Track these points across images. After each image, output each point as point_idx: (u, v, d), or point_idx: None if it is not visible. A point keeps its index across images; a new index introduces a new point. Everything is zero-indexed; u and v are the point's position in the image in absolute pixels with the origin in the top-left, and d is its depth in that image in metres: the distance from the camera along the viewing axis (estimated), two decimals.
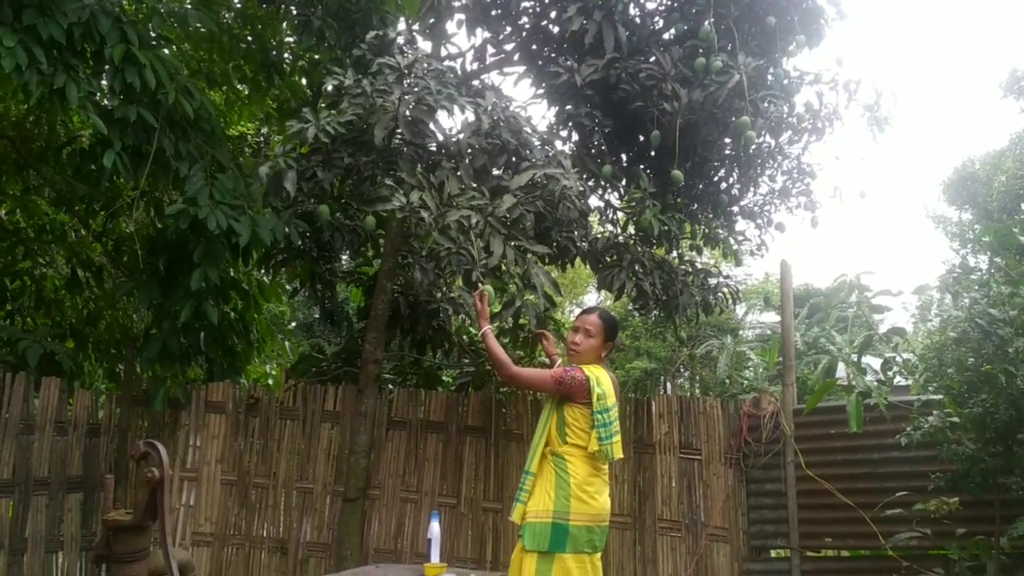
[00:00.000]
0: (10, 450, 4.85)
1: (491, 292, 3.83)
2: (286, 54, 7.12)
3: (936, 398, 4.34)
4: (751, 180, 5.94)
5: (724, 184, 6.00)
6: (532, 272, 4.67)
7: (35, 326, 6.56)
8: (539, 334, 4.17)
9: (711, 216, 6.02)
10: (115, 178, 5.28)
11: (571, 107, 5.40)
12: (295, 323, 12.65)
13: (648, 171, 5.51)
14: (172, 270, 5.44)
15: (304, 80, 7.06)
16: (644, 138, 5.40)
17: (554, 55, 5.62)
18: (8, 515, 4.82)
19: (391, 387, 6.14)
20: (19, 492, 4.87)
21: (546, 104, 5.65)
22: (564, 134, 5.70)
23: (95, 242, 6.92)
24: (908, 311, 11.65)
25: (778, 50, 5.42)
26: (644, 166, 5.66)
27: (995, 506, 4.11)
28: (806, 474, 5.02)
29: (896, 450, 4.55)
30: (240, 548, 5.59)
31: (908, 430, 4.23)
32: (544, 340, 4.11)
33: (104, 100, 5.45)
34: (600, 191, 6.01)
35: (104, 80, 5.00)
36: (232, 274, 6.03)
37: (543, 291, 4.67)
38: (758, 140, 5.39)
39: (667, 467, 5.43)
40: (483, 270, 4.38)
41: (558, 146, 5.45)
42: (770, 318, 13.94)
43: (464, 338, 6.71)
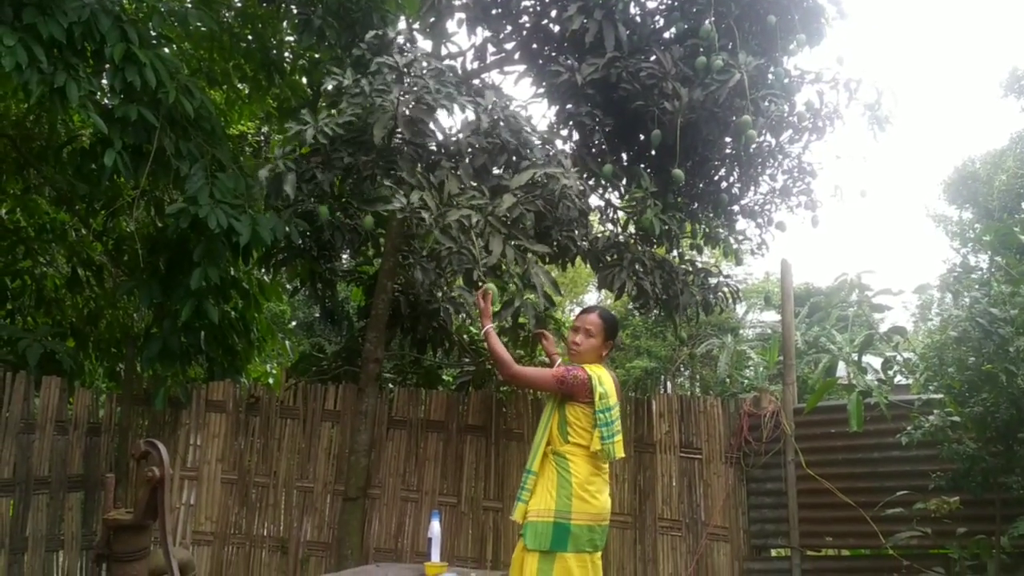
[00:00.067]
0: (10, 449, 4.85)
1: (494, 290, 3.83)
2: (286, 53, 7.11)
3: (937, 397, 4.34)
4: (752, 179, 5.94)
5: (725, 183, 5.99)
6: (532, 271, 4.66)
7: (35, 325, 6.55)
8: (539, 334, 4.16)
9: (711, 215, 6.02)
10: (115, 177, 5.28)
11: (572, 106, 5.40)
12: (295, 322, 12.66)
13: (649, 170, 5.50)
14: (172, 269, 5.45)
15: (304, 79, 7.06)
16: (645, 137, 5.40)
17: (555, 54, 5.62)
18: (9, 514, 4.82)
19: (391, 386, 6.14)
20: (20, 491, 4.87)
21: (546, 103, 5.65)
22: (565, 133, 5.70)
23: (95, 241, 6.92)
24: (908, 310, 11.65)
25: (779, 49, 5.41)
26: (645, 165, 5.66)
27: (996, 505, 4.11)
28: (806, 473, 5.02)
29: (897, 449, 4.55)
30: (240, 547, 5.59)
31: (909, 429, 4.23)
32: (544, 340, 4.10)
33: (104, 99, 5.45)
34: (600, 190, 6.01)
35: (104, 79, 4.99)
36: (232, 273, 6.03)
37: (543, 290, 4.67)
38: (759, 139, 5.38)
39: (667, 466, 5.43)
40: (484, 269, 4.38)
41: (558, 145, 5.44)
42: (770, 317, 13.95)
43: (464, 337, 6.71)
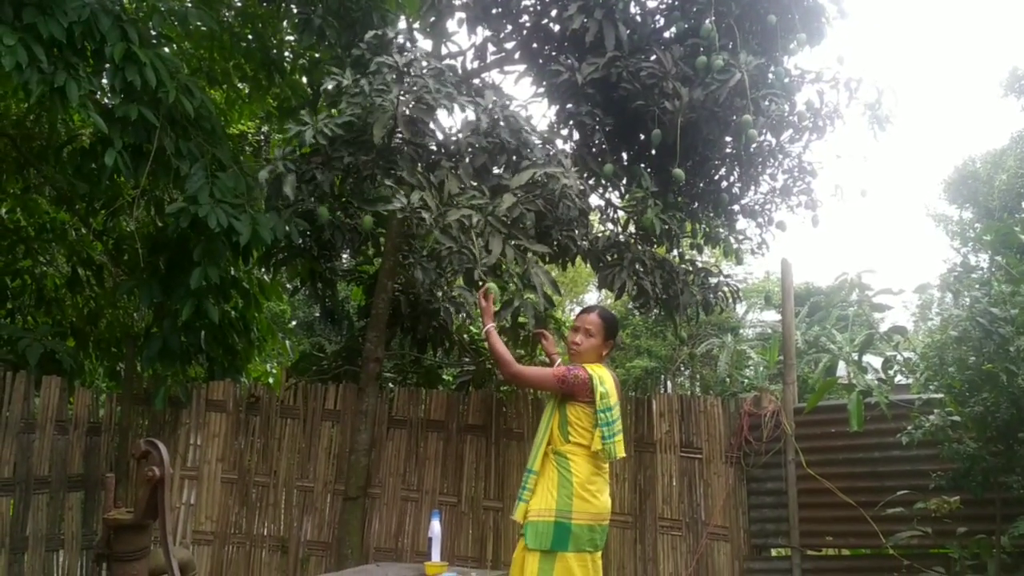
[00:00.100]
0: (11, 449, 4.85)
1: (495, 290, 3.83)
2: (287, 52, 7.11)
3: (937, 397, 4.34)
4: (752, 179, 5.94)
5: (725, 183, 5.99)
6: (532, 271, 4.66)
7: (36, 325, 6.55)
8: (539, 333, 4.16)
9: (712, 215, 6.01)
10: (116, 177, 5.28)
11: (572, 106, 5.39)
12: (296, 322, 12.67)
13: (649, 170, 5.50)
14: (173, 269, 5.44)
15: (305, 79, 7.06)
16: (645, 137, 5.39)
17: (555, 53, 5.61)
18: (9, 514, 4.82)
19: (392, 386, 6.14)
20: (20, 491, 4.88)
21: (547, 103, 5.65)
22: (565, 133, 5.70)
23: (96, 241, 6.92)
24: (909, 310, 11.68)
25: (779, 48, 5.41)
26: (645, 165, 5.65)
27: (996, 505, 4.10)
28: (807, 473, 5.01)
29: (897, 449, 4.55)
30: (241, 547, 5.59)
31: (909, 429, 4.22)
32: (544, 340, 4.11)
33: (105, 99, 5.45)
34: (601, 190, 6.01)
35: (104, 79, 4.98)
36: (233, 273, 6.03)
37: (542, 290, 4.67)
38: (759, 139, 5.38)
39: (668, 466, 5.43)
40: (484, 269, 4.38)
41: (559, 145, 5.45)
42: (771, 317, 13.97)
43: (465, 337, 6.70)
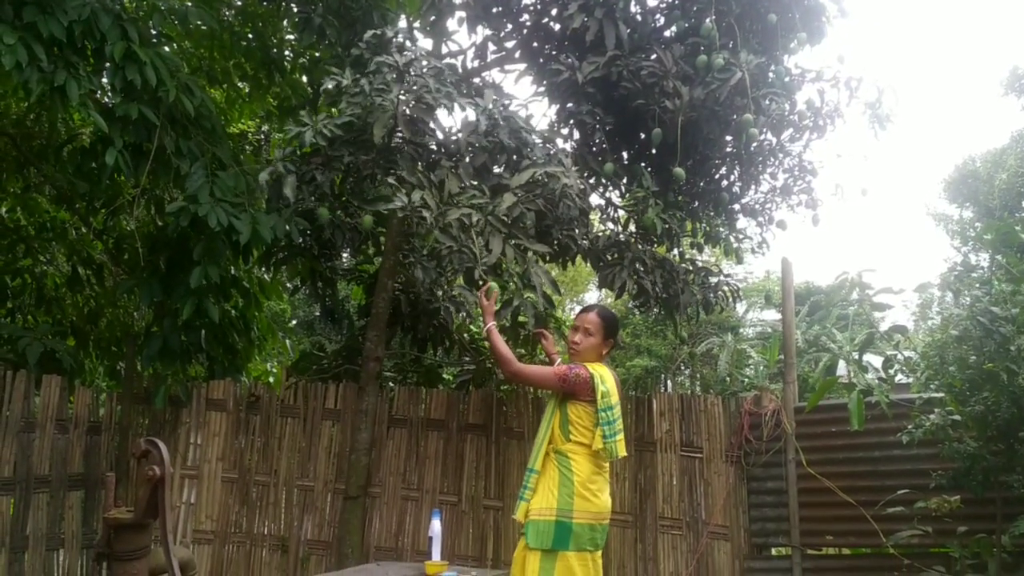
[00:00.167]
0: (11, 448, 4.85)
1: (496, 289, 3.83)
2: (287, 52, 7.10)
3: (938, 396, 4.34)
4: (752, 178, 5.93)
5: (725, 182, 5.99)
6: (532, 271, 4.66)
7: (36, 324, 6.55)
8: (538, 333, 4.16)
9: (712, 214, 6.01)
10: (116, 176, 5.28)
11: (572, 105, 5.39)
12: (296, 321, 12.65)
13: (649, 169, 5.50)
14: (173, 268, 5.44)
15: (305, 78, 7.05)
16: (645, 136, 5.39)
17: (555, 52, 5.61)
18: (9, 513, 4.82)
19: (392, 385, 6.13)
20: (20, 490, 4.88)
21: (547, 102, 5.65)
22: (565, 132, 5.69)
23: (96, 240, 6.91)
24: (909, 309, 11.68)
25: (779, 47, 5.40)
26: (645, 164, 5.65)
27: (996, 504, 4.11)
28: (807, 472, 5.02)
29: (897, 448, 4.56)
30: (241, 546, 5.59)
31: (909, 428, 4.23)
32: (544, 339, 4.11)
33: (105, 98, 5.45)
34: (601, 189, 6.01)
35: (105, 78, 4.98)
36: (233, 272, 6.03)
37: (542, 290, 4.67)
38: (759, 138, 5.38)
39: (668, 465, 5.43)
40: (484, 268, 4.38)
41: (559, 144, 5.44)
42: (771, 316, 13.96)
43: (465, 336, 6.70)
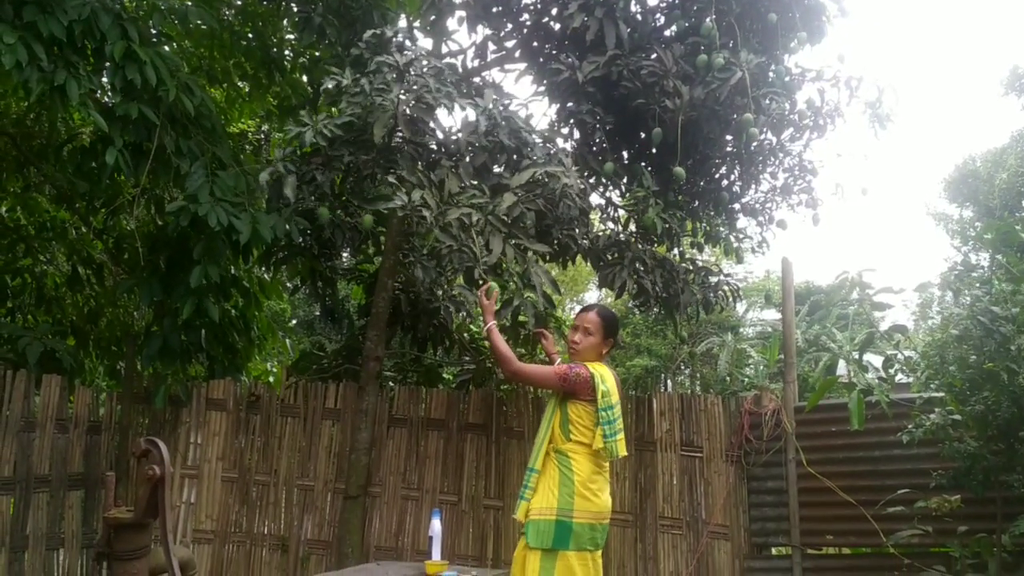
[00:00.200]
0: (11, 447, 4.85)
1: (496, 288, 3.83)
2: (287, 51, 7.10)
3: (938, 396, 4.34)
4: (753, 177, 5.93)
5: (726, 181, 5.99)
6: (532, 270, 4.66)
7: (36, 323, 6.55)
8: (538, 333, 4.16)
9: (712, 213, 6.01)
10: (116, 175, 5.27)
11: (572, 104, 5.39)
12: (296, 320, 12.66)
13: (649, 168, 5.50)
14: (173, 267, 5.44)
15: (305, 77, 7.05)
16: (645, 135, 5.39)
17: (555, 52, 5.61)
18: (9, 512, 4.82)
19: (392, 385, 6.13)
20: (20, 489, 4.88)
21: (547, 101, 5.64)
22: (565, 131, 5.69)
23: (96, 239, 6.91)
24: (909, 309, 11.68)
25: (780, 47, 5.40)
26: (645, 163, 5.65)
27: (997, 504, 4.11)
28: (807, 472, 5.02)
29: (898, 448, 4.56)
30: (241, 545, 5.59)
31: (910, 428, 4.23)
32: (543, 339, 4.11)
33: (105, 97, 5.45)
34: (601, 188, 6.00)
35: (105, 77, 4.98)
36: (233, 271, 6.02)
37: (542, 289, 4.67)
38: (760, 137, 5.37)
39: (668, 464, 5.43)
40: (484, 268, 4.38)
41: (559, 143, 5.44)
42: (771, 315, 13.96)
43: (465, 336, 6.70)
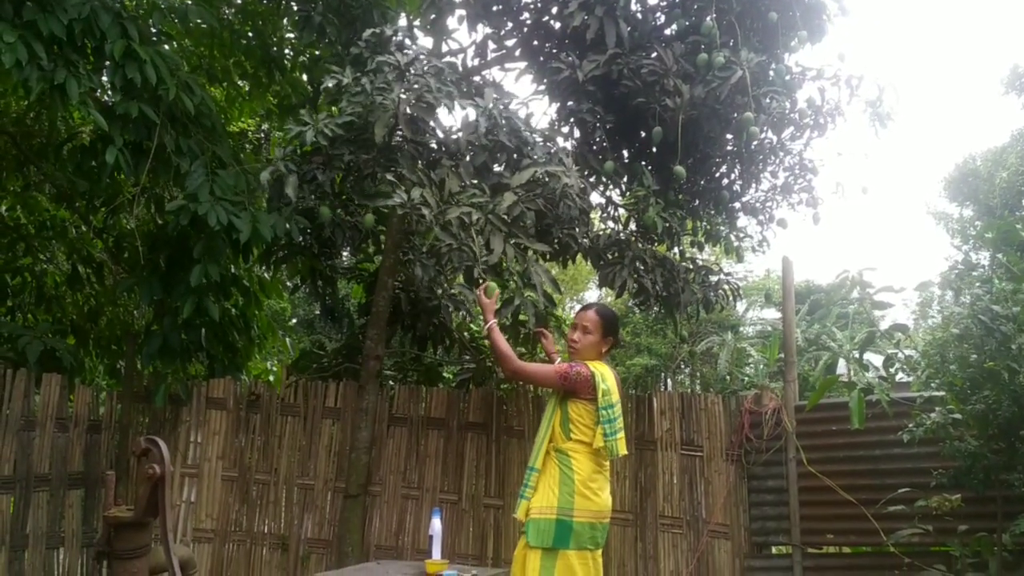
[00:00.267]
0: (11, 446, 4.85)
1: (495, 288, 3.83)
2: (287, 50, 7.10)
3: (938, 395, 4.34)
4: (753, 176, 5.93)
5: (726, 180, 5.99)
6: (532, 269, 4.67)
7: (36, 322, 6.54)
8: (538, 332, 4.16)
9: (713, 212, 6.01)
10: (116, 174, 5.27)
11: (572, 103, 5.39)
12: (296, 319, 12.66)
13: (650, 167, 5.50)
14: (173, 266, 5.44)
15: (305, 76, 7.05)
16: (646, 134, 5.39)
17: (555, 51, 5.61)
18: (9, 511, 4.82)
19: (392, 383, 6.13)
20: (20, 488, 4.87)
21: (547, 100, 5.65)
22: (565, 130, 5.69)
23: (96, 238, 6.91)
24: (909, 308, 11.68)
25: (780, 46, 5.40)
26: (646, 162, 5.65)
27: (997, 503, 4.11)
28: (808, 471, 5.02)
29: (898, 447, 4.56)
30: (241, 544, 5.59)
31: (910, 427, 4.23)
32: (543, 339, 4.11)
33: (105, 96, 5.44)
34: (601, 187, 6.00)
35: (105, 76, 4.98)
36: (233, 270, 6.02)
37: (542, 289, 4.67)
38: (760, 136, 5.37)
39: (668, 463, 5.43)
40: (484, 267, 4.38)
41: (559, 142, 5.44)
42: (771, 314, 13.97)
43: (465, 335, 6.70)
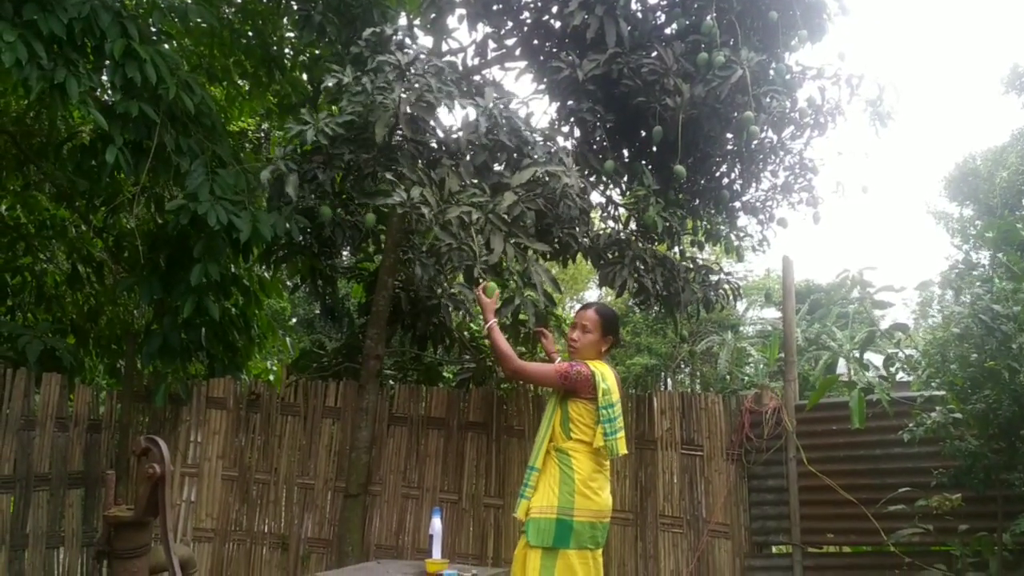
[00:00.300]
0: (11, 446, 4.86)
1: (494, 287, 3.82)
2: (287, 49, 7.10)
3: (939, 394, 4.34)
4: (753, 175, 5.93)
5: (726, 180, 5.98)
6: (532, 269, 4.66)
7: (36, 322, 6.54)
8: (538, 332, 4.16)
9: (713, 212, 6.01)
10: (116, 174, 5.27)
11: (573, 102, 5.39)
12: (296, 319, 12.66)
13: (650, 166, 5.49)
14: (173, 266, 5.44)
15: (305, 75, 7.05)
16: (646, 133, 5.38)
17: (556, 50, 5.60)
18: (9, 511, 4.82)
19: (392, 383, 6.13)
20: (20, 488, 4.88)
21: (548, 99, 5.64)
22: (566, 129, 5.69)
23: (96, 238, 6.91)
24: (909, 307, 11.68)
25: (780, 45, 5.39)
26: (646, 161, 5.65)
27: (998, 502, 4.11)
28: (808, 470, 5.01)
29: (898, 446, 4.56)
30: (241, 544, 5.59)
31: (911, 426, 4.23)
32: (543, 338, 4.11)
33: (105, 95, 5.44)
34: (601, 187, 6.00)
35: (105, 75, 4.98)
36: (233, 270, 6.02)
37: (542, 288, 4.66)
38: (760, 135, 5.37)
39: (669, 463, 5.43)
40: (484, 267, 4.37)
41: (560, 142, 5.44)
42: (771, 314, 13.97)
43: (465, 334, 6.70)
